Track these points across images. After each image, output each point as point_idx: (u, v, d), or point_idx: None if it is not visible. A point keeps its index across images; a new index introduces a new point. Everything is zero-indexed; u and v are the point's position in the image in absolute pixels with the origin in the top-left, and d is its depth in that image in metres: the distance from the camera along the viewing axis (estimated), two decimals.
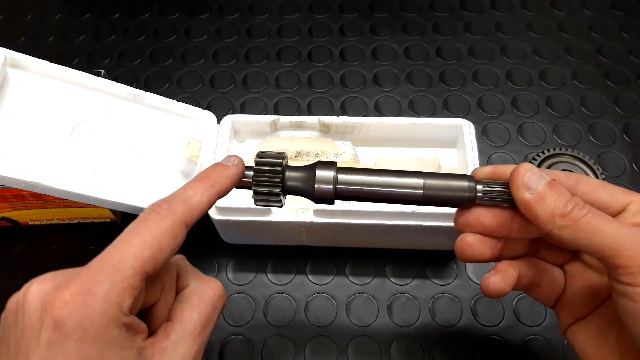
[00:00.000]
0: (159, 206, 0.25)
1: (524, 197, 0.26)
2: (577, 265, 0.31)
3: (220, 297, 0.28)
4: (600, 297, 0.29)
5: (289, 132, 0.46)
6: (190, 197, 0.26)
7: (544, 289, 0.31)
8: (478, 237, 0.29)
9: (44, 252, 0.47)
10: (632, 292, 0.24)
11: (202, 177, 0.28)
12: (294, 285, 0.45)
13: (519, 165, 0.27)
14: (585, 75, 0.56)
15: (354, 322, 0.43)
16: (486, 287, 0.29)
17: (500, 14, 0.62)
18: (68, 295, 0.22)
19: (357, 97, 0.56)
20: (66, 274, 0.24)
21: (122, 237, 0.24)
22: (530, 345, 0.41)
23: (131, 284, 0.23)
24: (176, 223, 0.25)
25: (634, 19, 0.61)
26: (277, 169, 0.28)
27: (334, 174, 0.28)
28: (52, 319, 0.21)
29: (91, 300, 0.22)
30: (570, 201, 0.25)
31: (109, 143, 0.42)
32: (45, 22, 0.63)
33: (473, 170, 0.30)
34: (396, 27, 0.61)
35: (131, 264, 0.23)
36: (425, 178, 0.28)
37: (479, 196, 0.28)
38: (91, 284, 0.22)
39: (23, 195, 0.42)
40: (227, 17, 0.63)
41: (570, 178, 0.28)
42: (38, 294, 0.23)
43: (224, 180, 0.28)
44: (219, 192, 0.27)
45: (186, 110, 0.46)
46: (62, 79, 0.42)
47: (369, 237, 0.43)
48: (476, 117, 0.54)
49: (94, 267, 0.23)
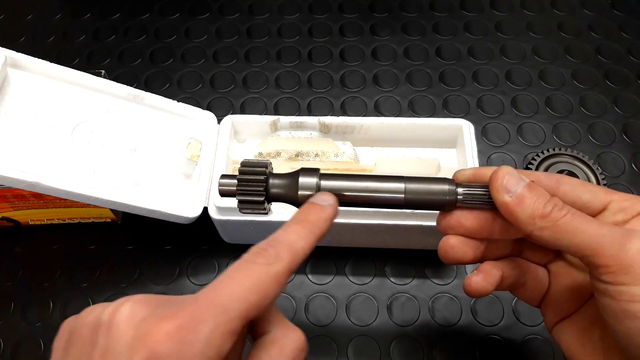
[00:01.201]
0: (265, 250, 0.24)
1: (504, 199, 0.26)
2: (560, 264, 0.31)
3: (302, 351, 0.25)
4: (584, 296, 0.30)
5: (289, 132, 0.46)
6: (294, 243, 0.25)
7: (528, 289, 0.31)
8: (460, 239, 0.29)
9: (44, 252, 0.47)
10: (612, 290, 0.24)
11: (302, 219, 0.26)
12: (293, 285, 0.45)
13: (498, 168, 0.27)
14: (584, 76, 0.56)
15: (354, 321, 0.43)
16: (468, 286, 0.29)
17: (500, 14, 0.62)
18: (170, 329, 0.20)
19: (357, 98, 0.56)
20: (163, 301, 0.22)
21: (228, 275, 0.23)
22: (529, 344, 0.42)
23: (234, 327, 0.21)
24: (283, 271, 0.23)
25: (634, 19, 0.61)
26: (261, 177, 0.29)
27: (316, 180, 0.29)
28: (148, 350, 0.20)
29: (193, 339, 0.20)
30: (549, 202, 0.25)
31: (110, 143, 0.42)
32: (45, 22, 0.63)
33: (455, 173, 0.30)
34: (396, 27, 0.61)
35: (238, 306, 0.21)
36: (407, 182, 0.28)
37: (459, 199, 0.28)
38: (196, 321, 0.20)
39: (23, 195, 0.42)
40: (227, 17, 0.63)
41: (550, 179, 0.28)
42: (131, 317, 0.21)
43: (322, 223, 0.27)
44: (319, 237, 0.26)
45: (186, 111, 0.46)
46: (62, 79, 0.42)
47: (369, 237, 0.43)
48: (476, 117, 0.54)
49: (200, 302, 0.21)
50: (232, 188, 0.29)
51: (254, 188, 0.29)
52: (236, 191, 0.29)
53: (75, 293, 0.45)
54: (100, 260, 0.47)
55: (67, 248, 0.47)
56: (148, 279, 0.46)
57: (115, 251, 0.47)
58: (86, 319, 0.23)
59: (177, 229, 0.44)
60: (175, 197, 0.43)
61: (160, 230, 0.47)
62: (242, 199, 0.29)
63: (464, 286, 0.29)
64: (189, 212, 0.42)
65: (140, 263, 0.46)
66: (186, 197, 0.43)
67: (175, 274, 0.46)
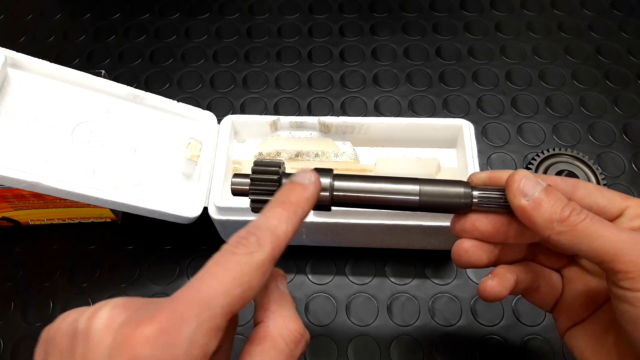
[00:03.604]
0: (245, 238, 0.23)
1: (521, 203, 0.26)
2: (574, 269, 0.31)
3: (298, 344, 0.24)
4: (598, 301, 0.29)
5: (289, 132, 0.46)
6: (275, 228, 0.23)
7: (542, 293, 0.31)
8: (474, 243, 0.28)
9: (44, 252, 0.47)
10: (631, 296, 0.24)
11: (282, 201, 0.25)
12: (293, 285, 0.45)
13: (514, 172, 0.27)
14: (584, 76, 0.56)
15: (354, 321, 0.43)
16: (483, 290, 0.29)
17: (500, 14, 0.62)
18: (150, 332, 0.19)
19: (357, 97, 0.56)
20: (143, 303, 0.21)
21: (208, 271, 0.22)
22: (529, 344, 0.42)
23: (218, 324, 0.20)
24: (266, 259, 0.22)
25: (634, 19, 0.61)
26: (274, 177, 0.28)
27: (330, 180, 0.28)
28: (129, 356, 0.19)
29: (175, 340, 0.19)
30: (567, 206, 0.25)
31: (110, 143, 0.42)
32: (45, 22, 0.63)
33: (470, 176, 0.30)
34: (396, 28, 0.61)
35: (220, 302, 0.20)
36: (422, 184, 0.28)
37: (474, 202, 0.28)
38: (176, 322, 0.19)
39: (24, 195, 0.42)
40: (227, 17, 0.63)
41: (567, 183, 0.28)
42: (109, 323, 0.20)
43: (304, 203, 0.25)
44: (302, 218, 0.25)
45: (186, 111, 0.46)
46: (62, 79, 0.42)
47: (369, 237, 0.43)
48: (476, 117, 0.54)
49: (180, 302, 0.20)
50: (245, 187, 0.29)
51: (267, 187, 0.28)
52: (249, 190, 0.29)
53: (75, 293, 0.45)
54: (100, 260, 0.47)
55: (67, 248, 0.47)
56: (148, 279, 0.46)
57: (115, 251, 0.47)
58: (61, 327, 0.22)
59: (177, 229, 0.44)
60: (175, 197, 0.43)
61: (160, 230, 0.47)
62: (255, 199, 0.29)
63: (478, 290, 0.29)
64: (189, 212, 0.42)
65: (140, 263, 0.46)
66: (186, 197, 0.43)
67: (175, 274, 0.46)
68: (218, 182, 0.41)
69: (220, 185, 0.41)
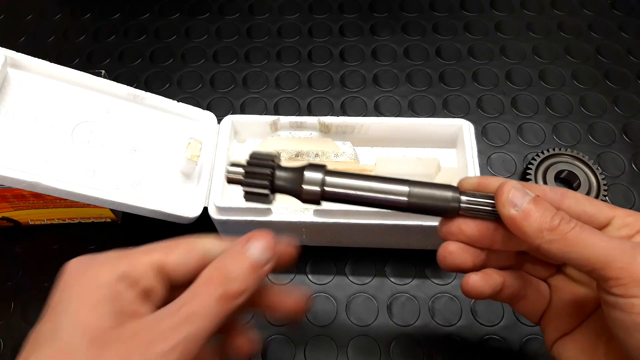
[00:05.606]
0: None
1: (510, 214, 0.26)
2: (561, 278, 0.31)
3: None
4: (586, 311, 0.29)
5: (289, 132, 0.46)
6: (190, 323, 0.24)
7: (529, 302, 0.31)
8: (460, 246, 0.29)
9: (44, 252, 0.47)
10: (623, 303, 0.24)
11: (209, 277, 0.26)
12: (293, 284, 0.45)
13: (503, 182, 0.27)
14: (584, 76, 0.56)
15: (354, 321, 0.43)
16: (465, 284, 0.29)
17: (500, 14, 0.62)
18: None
19: (357, 98, 0.56)
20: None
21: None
22: (529, 344, 0.42)
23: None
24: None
25: (634, 19, 0.61)
26: (267, 170, 0.29)
27: (322, 176, 0.29)
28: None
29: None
30: (556, 215, 0.25)
31: (110, 143, 0.42)
32: (45, 22, 0.63)
33: (460, 181, 0.30)
34: (396, 28, 0.61)
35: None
36: (411, 186, 0.28)
37: (462, 207, 0.28)
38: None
39: (24, 195, 0.42)
40: (227, 17, 0.63)
41: (555, 192, 0.28)
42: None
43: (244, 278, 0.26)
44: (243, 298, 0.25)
45: (186, 111, 0.46)
46: (62, 79, 0.42)
47: (369, 237, 0.43)
48: (476, 117, 0.54)
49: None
50: (239, 177, 0.29)
51: (260, 180, 0.29)
52: (242, 181, 0.29)
53: None
54: None
55: (67, 248, 0.47)
56: None
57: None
58: None
59: (177, 229, 0.44)
60: (175, 197, 0.43)
61: (160, 230, 0.46)
62: (248, 190, 0.29)
63: (461, 285, 0.29)
64: (189, 212, 0.42)
65: None
66: (186, 197, 0.43)
67: None
68: (218, 182, 0.41)
69: (221, 185, 0.41)
